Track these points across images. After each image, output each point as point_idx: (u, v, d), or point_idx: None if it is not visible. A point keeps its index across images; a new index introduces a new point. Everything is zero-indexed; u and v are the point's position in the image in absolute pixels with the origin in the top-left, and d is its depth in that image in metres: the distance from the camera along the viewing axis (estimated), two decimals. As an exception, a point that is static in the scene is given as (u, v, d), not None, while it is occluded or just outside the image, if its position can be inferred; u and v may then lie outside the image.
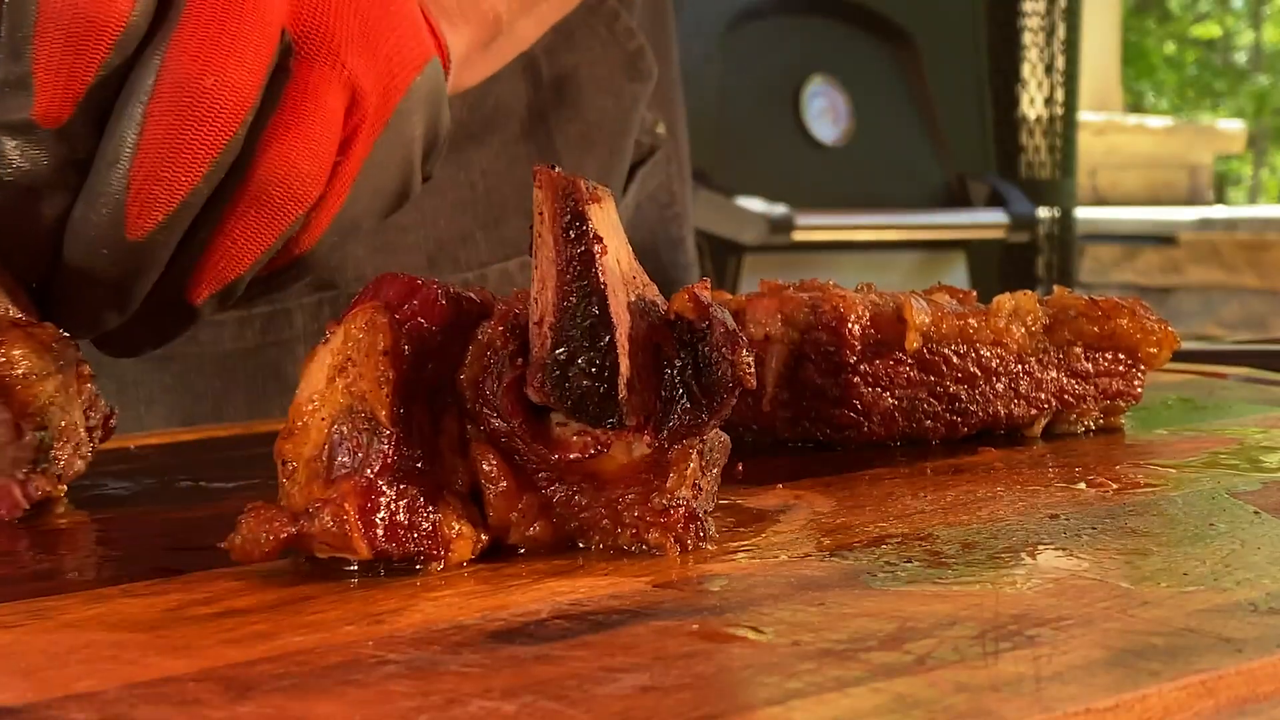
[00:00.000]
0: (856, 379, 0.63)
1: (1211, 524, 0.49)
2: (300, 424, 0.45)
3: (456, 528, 0.45)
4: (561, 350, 0.44)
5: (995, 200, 3.40)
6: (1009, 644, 0.36)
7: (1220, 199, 7.69)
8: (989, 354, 0.65)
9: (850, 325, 0.63)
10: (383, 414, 0.44)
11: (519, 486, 0.46)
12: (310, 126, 0.55)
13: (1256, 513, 0.50)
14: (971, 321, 0.65)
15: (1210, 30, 10.82)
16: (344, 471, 0.44)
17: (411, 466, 0.45)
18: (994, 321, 0.65)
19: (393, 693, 0.34)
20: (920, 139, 3.27)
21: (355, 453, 0.44)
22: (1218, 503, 0.52)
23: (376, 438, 0.44)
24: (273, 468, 0.66)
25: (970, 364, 0.65)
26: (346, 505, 0.44)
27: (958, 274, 3.28)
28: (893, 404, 0.64)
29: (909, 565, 0.44)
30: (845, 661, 0.35)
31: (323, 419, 0.45)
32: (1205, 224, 4.60)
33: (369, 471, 0.44)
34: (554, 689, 0.34)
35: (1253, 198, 9.79)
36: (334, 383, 0.45)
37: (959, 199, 3.43)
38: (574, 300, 0.44)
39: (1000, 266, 3.42)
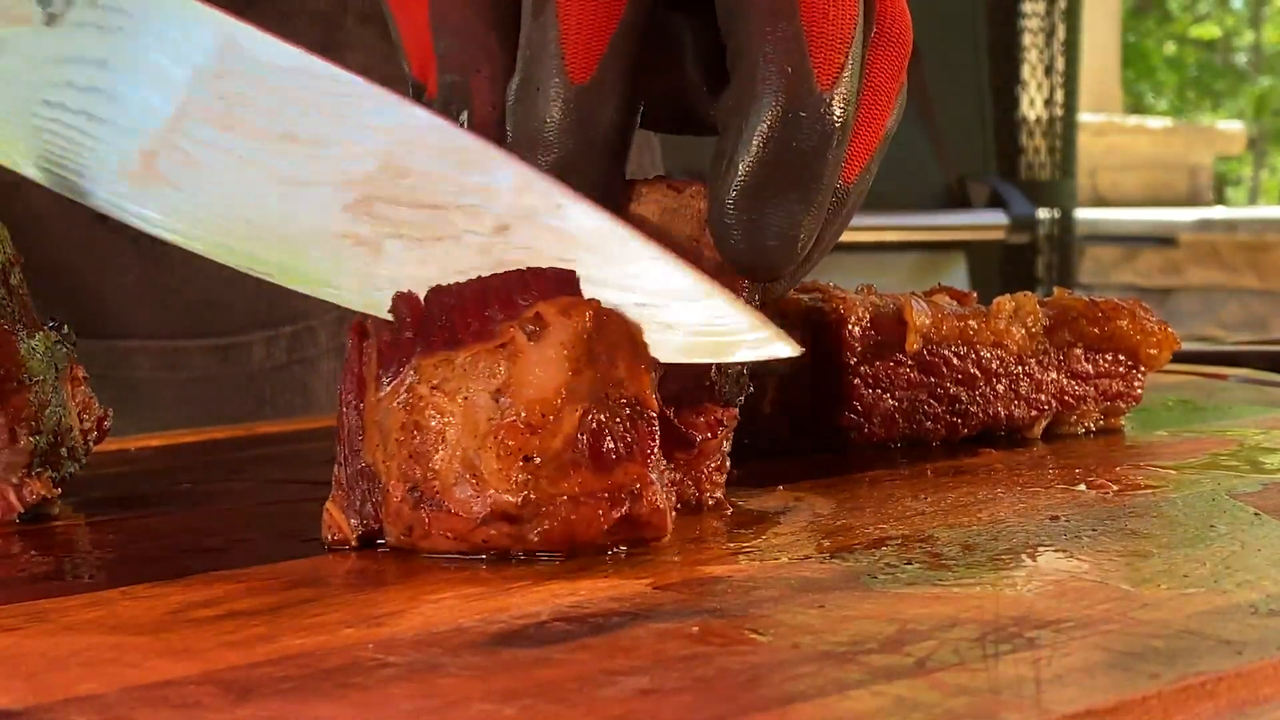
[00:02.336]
0: (856, 380, 0.63)
1: (1212, 526, 0.49)
2: (551, 418, 0.45)
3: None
4: None
5: (995, 201, 3.40)
6: (1009, 646, 0.36)
7: (1220, 200, 7.69)
8: (989, 355, 0.65)
9: (850, 327, 0.63)
10: (648, 398, 0.46)
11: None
12: None
13: (1256, 514, 0.50)
14: (971, 323, 0.65)
15: (1210, 31, 10.81)
16: (617, 457, 0.45)
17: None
18: (994, 323, 0.65)
19: (393, 695, 0.34)
20: (920, 140, 3.27)
21: (623, 437, 0.45)
22: (1218, 504, 0.52)
23: (642, 420, 0.45)
24: (273, 468, 0.66)
25: (970, 365, 0.65)
26: (655, 486, 0.45)
27: (958, 275, 3.28)
28: (893, 405, 0.64)
29: (909, 567, 0.44)
30: (845, 664, 0.35)
31: (576, 410, 0.45)
32: (1205, 225, 4.60)
33: (648, 454, 0.45)
34: (554, 691, 0.34)
35: (1253, 199, 9.79)
36: (581, 374, 0.45)
37: (959, 200, 3.43)
38: (745, 295, 0.50)
39: (1000, 268, 3.43)
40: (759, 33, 0.49)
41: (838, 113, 0.49)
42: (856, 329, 0.63)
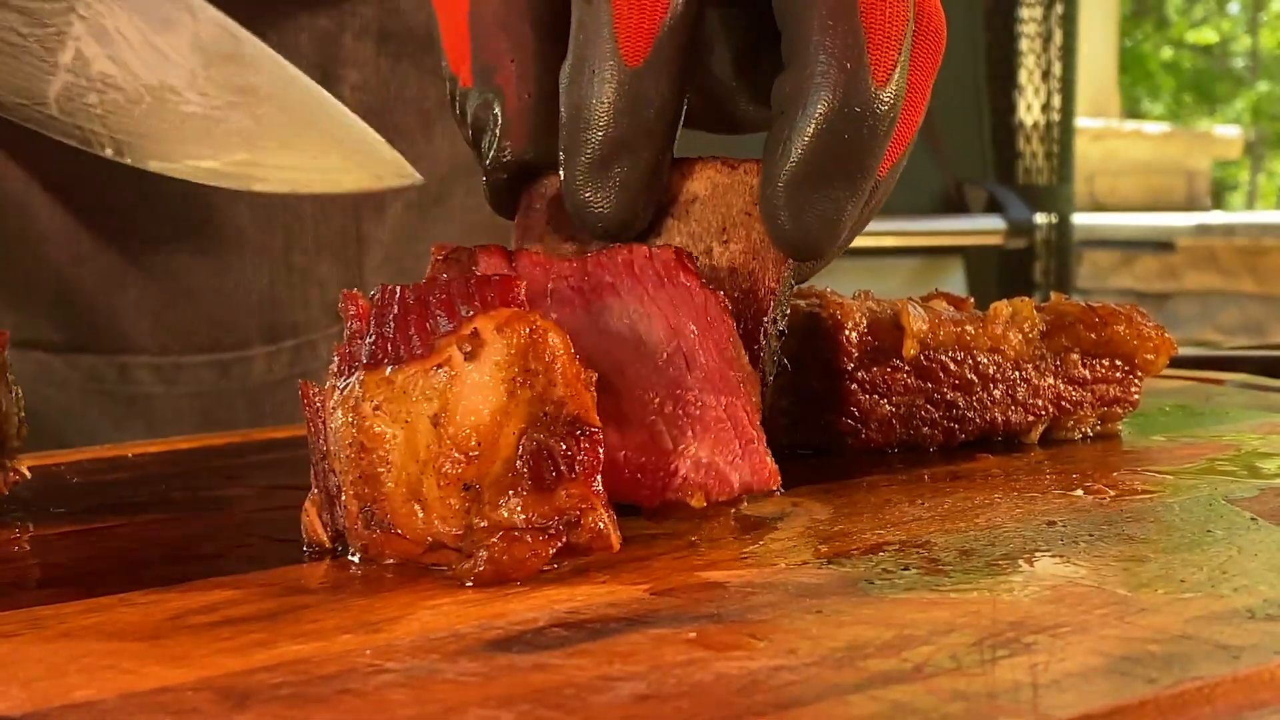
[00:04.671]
0: (854, 386, 0.63)
1: (1208, 530, 0.49)
2: (488, 443, 0.44)
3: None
4: (775, 322, 0.52)
5: (993, 206, 3.40)
6: (1006, 651, 0.36)
7: (1218, 205, 7.70)
8: (986, 361, 0.65)
9: (848, 332, 0.63)
10: (589, 414, 0.45)
11: None
12: None
13: (1253, 519, 0.50)
14: (969, 328, 0.65)
15: (1207, 36, 10.82)
16: (559, 478, 0.44)
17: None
18: (991, 328, 0.65)
19: (390, 701, 0.34)
20: (918, 145, 3.27)
21: (567, 457, 0.44)
22: (1215, 509, 0.52)
23: (585, 438, 0.45)
24: (270, 474, 0.66)
25: (967, 371, 0.65)
26: (598, 507, 0.45)
27: (955, 280, 3.28)
28: (890, 411, 0.64)
29: (907, 573, 0.44)
30: (842, 669, 0.35)
31: (513, 433, 0.44)
32: (1203, 230, 4.61)
33: (591, 472, 0.45)
34: (552, 698, 0.34)
35: (1250, 203, 9.81)
36: (516, 394, 0.44)
37: (956, 205, 3.43)
38: (786, 274, 0.52)
39: (998, 273, 3.42)
40: (820, 27, 0.50)
41: (889, 108, 0.50)
42: (854, 334, 0.63)
